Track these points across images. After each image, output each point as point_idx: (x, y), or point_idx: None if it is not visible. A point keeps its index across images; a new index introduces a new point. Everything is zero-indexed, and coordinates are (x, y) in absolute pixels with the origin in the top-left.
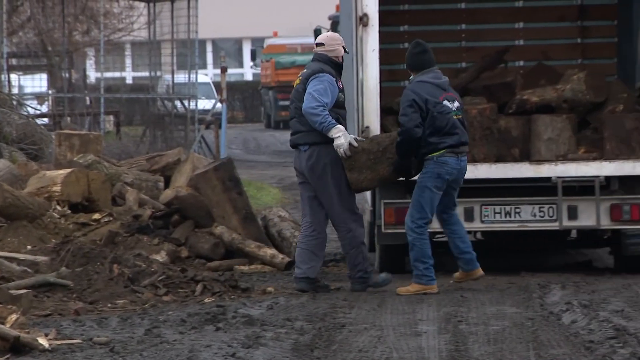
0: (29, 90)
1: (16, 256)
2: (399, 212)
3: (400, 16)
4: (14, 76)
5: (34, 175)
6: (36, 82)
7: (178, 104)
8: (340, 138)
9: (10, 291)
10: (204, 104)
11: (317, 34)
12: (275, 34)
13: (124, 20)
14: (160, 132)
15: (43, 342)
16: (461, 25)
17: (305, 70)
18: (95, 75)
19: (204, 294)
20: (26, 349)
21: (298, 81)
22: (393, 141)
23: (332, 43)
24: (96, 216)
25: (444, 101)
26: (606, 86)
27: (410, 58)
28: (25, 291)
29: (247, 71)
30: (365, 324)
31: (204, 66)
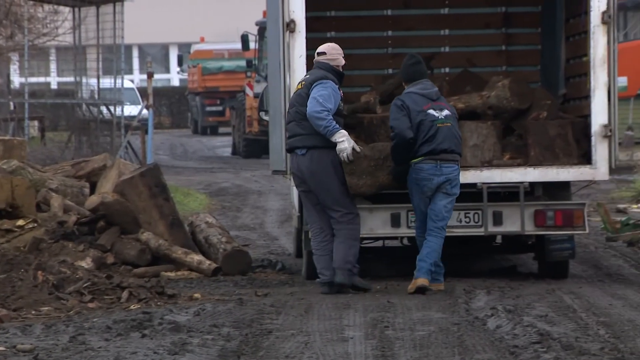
0: None
1: None
2: None
3: (327, 22)
4: None
5: None
6: None
7: (104, 109)
8: (344, 142)
9: None
10: (130, 109)
11: (245, 39)
12: (202, 40)
13: (48, 25)
14: (86, 138)
15: None
16: (387, 32)
17: (307, 76)
18: (20, 81)
19: (130, 301)
20: None
21: (300, 86)
22: None
23: (333, 52)
24: (20, 222)
25: (429, 110)
26: (530, 93)
27: (403, 70)
28: None
29: (174, 77)
30: (292, 329)
31: (130, 71)
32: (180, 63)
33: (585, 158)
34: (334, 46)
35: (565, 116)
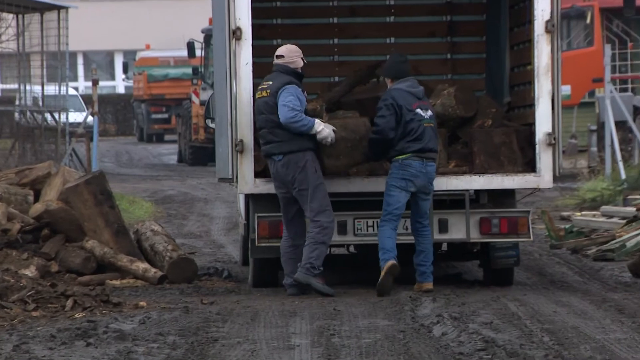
0: None
1: None
2: (272, 225)
3: (273, 30)
4: None
5: None
6: None
7: (48, 116)
8: (324, 130)
9: None
10: (75, 116)
11: (191, 47)
12: (147, 47)
13: None
14: (30, 145)
15: None
16: (334, 40)
17: (271, 83)
18: None
19: (75, 309)
20: None
21: (266, 93)
22: (368, 130)
23: (291, 55)
24: None
25: (417, 109)
26: (475, 101)
27: (392, 67)
28: None
29: (119, 84)
30: (238, 337)
31: (75, 79)
32: (125, 70)
33: (530, 166)
34: (292, 48)
35: (510, 124)
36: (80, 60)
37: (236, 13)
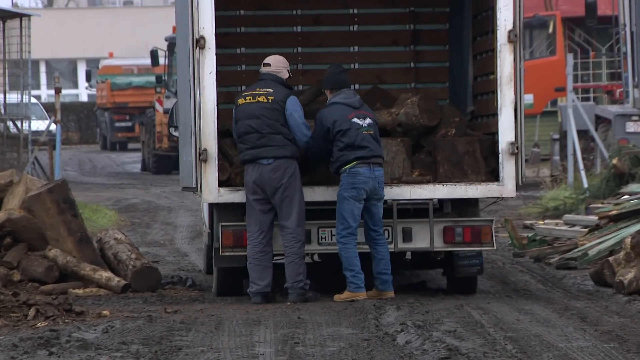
0: None
1: None
2: (237, 234)
3: (236, 39)
4: None
5: None
6: None
7: (10, 124)
8: None
9: None
10: (37, 124)
11: (154, 55)
12: (110, 55)
13: None
14: None
15: None
16: (297, 49)
17: (272, 90)
18: None
19: (37, 318)
20: None
21: (264, 99)
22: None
23: (278, 65)
24: None
25: (354, 119)
26: (439, 110)
27: (330, 78)
28: None
29: (82, 92)
30: (202, 346)
31: (37, 87)
32: (88, 78)
33: (493, 175)
34: (279, 59)
35: (474, 133)
36: (43, 69)
37: (200, 22)
